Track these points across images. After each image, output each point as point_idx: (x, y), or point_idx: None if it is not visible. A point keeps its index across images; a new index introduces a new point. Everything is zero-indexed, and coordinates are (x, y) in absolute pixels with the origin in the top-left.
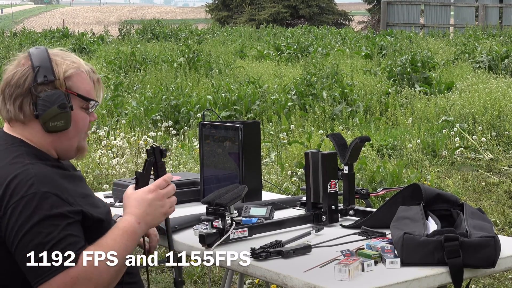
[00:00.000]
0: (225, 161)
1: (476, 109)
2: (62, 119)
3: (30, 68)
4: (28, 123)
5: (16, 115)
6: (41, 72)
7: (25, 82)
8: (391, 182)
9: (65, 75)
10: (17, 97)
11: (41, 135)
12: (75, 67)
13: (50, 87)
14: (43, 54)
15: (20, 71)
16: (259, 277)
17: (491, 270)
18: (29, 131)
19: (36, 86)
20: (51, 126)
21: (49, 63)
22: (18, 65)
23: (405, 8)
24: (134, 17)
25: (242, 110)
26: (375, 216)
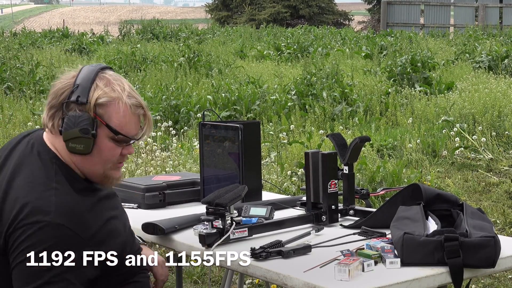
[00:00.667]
0: (225, 161)
1: (476, 109)
2: (82, 143)
3: (71, 84)
4: (55, 135)
5: (47, 124)
6: (77, 91)
7: (61, 95)
8: (391, 182)
9: (97, 101)
10: (52, 107)
11: (65, 152)
12: (112, 97)
13: (80, 108)
14: (90, 74)
15: (63, 83)
16: (259, 277)
17: (491, 270)
18: (58, 144)
19: (68, 103)
20: (70, 147)
21: (89, 84)
22: (67, 77)
23: (405, 8)
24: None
25: (242, 110)
26: (375, 216)
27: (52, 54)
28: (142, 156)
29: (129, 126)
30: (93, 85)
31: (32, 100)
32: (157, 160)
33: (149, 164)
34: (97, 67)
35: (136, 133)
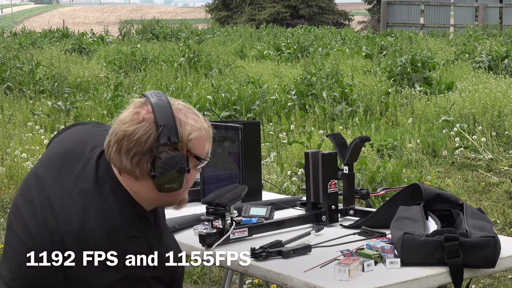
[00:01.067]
0: (225, 161)
1: (476, 109)
2: (177, 182)
3: (153, 126)
4: (141, 179)
5: (131, 171)
6: (165, 132)
7: (147, 141)
8: (391, 182)
9: (188, 137)
10: (136, 154)
11: (151, 192)
12: (197, 128)
13: (172, 148)
14: (167, 111)
15: (142, 128)
16: (259, 277)
17: (491, 270)
18: (139, 186)
19: (158, 146)
20: (165, 188)
21: (173, 122)
22: (137, 117)
23: (405, 8)
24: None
25: (242, 110)
26: (375, 216)
27: (52, 54)
28: None
29: (207, 150)
30: (177, 121)
31: (32, 100)
32: None
33: None
34: (165, 101)
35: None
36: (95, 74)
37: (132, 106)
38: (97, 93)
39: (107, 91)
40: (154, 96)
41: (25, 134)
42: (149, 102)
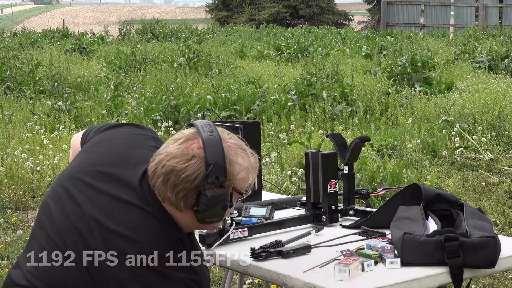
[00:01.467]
0: None
1: (476, 109)
2: (219, 216)
3: (203, 165)
4: (184, 211)
5: (175, 203)
6: (213, 171)
7: (195, 180)
8: (391, 182)
9: (236, 177)
10: (182, 190)
11: (191, 222)
12: (245, 167)
13: (218, 186)
14: (218, 149)
15: (192, 167)
16: (259, 277)
17: (491, 270)
18: (181, 216)
19: (205, 184)
20: (206, 221)
21: (223, 161)
22: (188, 152)
23: (405, 8)
24: (134, 17)
25: (242, 110)
26: (375, 216)
27: (52, 54)
28: None
29: (250, 182)
30: (227, 161)
31: (32, 100)
32: None
33: None
34: (217, 137)
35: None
36: (95, 74)
37: (183, 138)
38: (97, 93)
39: (107, 91)
40: (205, 130)
41: (25, 134)
42: (200, 136)
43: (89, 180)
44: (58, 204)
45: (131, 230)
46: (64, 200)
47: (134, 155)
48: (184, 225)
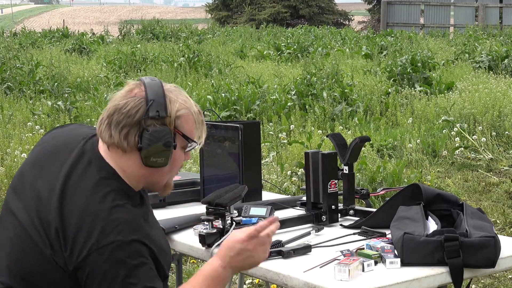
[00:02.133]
0: (225, 161)
1: (476, 109)
2: (164, 156)
3: (144, 100)
4: (129, 152)
5: (119, 143)
6: (154, 106)
7: (137, 113)
8: (391, 182)
9: (176, 114)
10: (124, 126)
11: (137, 167)
12: (186, 107)
13: (160, 122)
14: (158, 88)
15: (133, 101)
16: (259, 277)
17: (491, 270)
18: (126, 160)
19: (146, 119)
20: (151, 161)
21: (163, 98)
22: (130, 94)
23: (405, 8)
24: (134, 17)
25: (242, 110)
26: (375, 216)
27: (52, 54)
28: None
29: (195, 132)
30: (167, 98)
31: (32, 100)
32: None
33: None
34: (158, 81)
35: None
36: (95, 74)
37: (126, 86)
38: (97, 93)
39: (107, 91)
40: (148, 78)
41: (25, 134)
42: (142, 82)
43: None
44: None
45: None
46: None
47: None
48: (131, 175)
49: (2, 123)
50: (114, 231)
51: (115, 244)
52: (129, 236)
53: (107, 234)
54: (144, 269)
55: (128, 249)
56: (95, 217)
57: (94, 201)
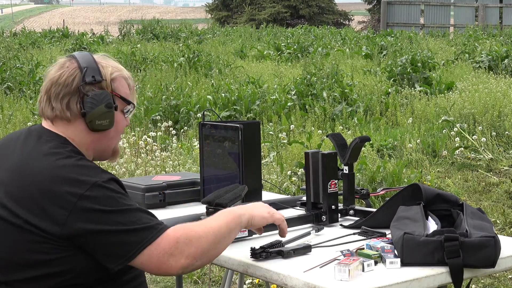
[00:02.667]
0: (225, 161)
1: (476, 109)
2: (108, 118)
3: (78, 69)
4: (74, 121)
5: (62, 113)
6: (89, 72)
7: (73, 82)
8: (391, 182)
9: (111, 76)
10: (64, 96)
11: (84, 134)
12: (119, 70)
13: (97, 87)
14: (88, 57)
15: (67, 71)
16: (259, 277)
17: (491, 270)
18: (72, 130)
19: (84, 85)
20: (96, 125)
21: (95, 64)
22: (62, 67)
23: (405, 8)
24: (134, 17)
25: (242, 110)
26: (375, 216)
27: (52, 54)
28: (142, 156)
29: (131, 95)
30: (99, 64)
31: (32, 100)
32: (157, 160)
33: (149, 164)
34: (86, 52)
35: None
36: None
37: (57, 63)
38: None
39: None
40: (76, 52)
41: None
42: (72, 55)
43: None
44: None
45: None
46: None
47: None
48: (80, 144)
49: (2, 123)
50: (88, 176)
51: (96, 185)
52: (104, 176)
53: (82, 182)
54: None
55: (109, 186)
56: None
57: (55, 163)
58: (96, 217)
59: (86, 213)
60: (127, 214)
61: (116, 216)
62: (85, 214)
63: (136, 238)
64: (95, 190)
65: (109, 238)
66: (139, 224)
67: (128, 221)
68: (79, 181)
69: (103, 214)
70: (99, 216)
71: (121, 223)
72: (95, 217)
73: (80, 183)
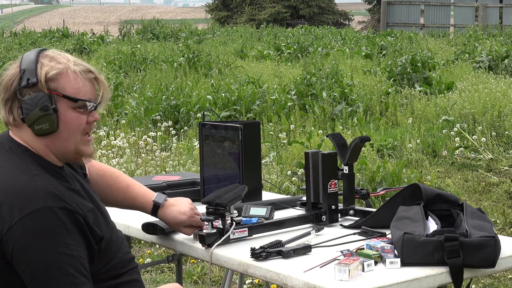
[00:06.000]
0: (225, 161)
1: (476, 109)
2: (47, 122)
3: (17, 71)
4: (20, 126)
5: (8, 119)
6: (25, 75)
7: (12, 86)
8: (391, 182)
9: (46, 76)
10: (6, 101)
11: (34, 139)
12: (59, 68)
13: (33, 90)
14: (31, 57)
15: (8, 75)
16: (259, 277)
17: (491, 270)
18: (24, 135)
19: (21, 89)
20: (36, 129)
21: (34, 65)
22: (6, 68)
23: (405, 8)
24: (134, 17)
25: (242, 110)
26: (375, 216)
27: None
28: (142, 156)
29: (84, 91)
30: (38, 64)
31: None
32: (157, 160)
33: (149, 164)
34: (37, 50)
35: (95, 98)
36: None
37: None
38: None
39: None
40: (31, 50)
41: None
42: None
43: None
44: None
45: None
46: None
47: None
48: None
49: (2, 123)
50: (32, 201)
51: (36, 213)
52: (51, 203)
53: (26, 205)
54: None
55: (49, 217)
56: (10, 191)
57: (10, 177)
58: (25, 247)
59: (18, 239)
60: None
61: (44, 255)
62: (18, 240)
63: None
64: (34, 217)
65: (28, 274)
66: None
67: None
68: (22, 205)
69: (31, 249)
70: (28, 248)
71: (44, 265)
72: (24, 248)
73: (21, 207)
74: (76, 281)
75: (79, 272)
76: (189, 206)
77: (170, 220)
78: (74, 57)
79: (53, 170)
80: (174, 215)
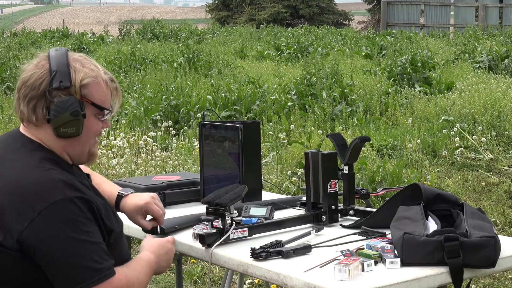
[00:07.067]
0: (225, 161)
1: (476, 109)
2: (74, 126)
3: (47, 71)
4: (41, 125)
5: (29, 117)
6: (57, 77)
7: (41, 85)
8: (391, 182)
9: (81, 83)
10: (31, 99)
11: (53, 139)
12: (93, 76)
13: (65, 93)
14: (62, 58)
15: (37, 73)
16: (259, 277)
17: (491, 270)
18: (42, 134)
19: (51, 90)
20: (62, 132)
21: (67, 68)
22: (37, 66)
23: (405, 8)
24: (134, 17)
25: (242, 110)
26: (375, 216)
27: None
28: (142, 156)
29: (108, 100)
30: (71, 68)
31: None
32: (157, 160)
33: (149, 164)
34: (63, 51)
35: (110, 105)
36: None
37: (35, 59)
38: None
39: None
40: (53, 49)
41: None
42: (47, 53)
43: None
44: None
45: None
46: None
47: None
48: (51, 147)
49: (2, 123)
50: (52, 192)
51: (57, 204)
52: (70, 194)
53: (44, 198)
54: (90, 225)
55: (71, 206)
56: (28, 185)
57: (19, 175)
58: (49, 239)
59: (40, 231)
60: (80, 245)
61: (68, 244)
62: (40, 232)
63: (78, 275)
64: (55, 208)
65: (54, 265)
66: (86, 261)
67: (77, 254)
68: (41, 197)
69: (55, 239)
70: (52, 239)
71: (69, 254)
72: (47, 239)
73: (41, 199)
74: (102, 267)
75: (103, 258)
76: (151, 195)
77: (129, 208)
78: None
79: (66, 165)
80: (134, 202)
